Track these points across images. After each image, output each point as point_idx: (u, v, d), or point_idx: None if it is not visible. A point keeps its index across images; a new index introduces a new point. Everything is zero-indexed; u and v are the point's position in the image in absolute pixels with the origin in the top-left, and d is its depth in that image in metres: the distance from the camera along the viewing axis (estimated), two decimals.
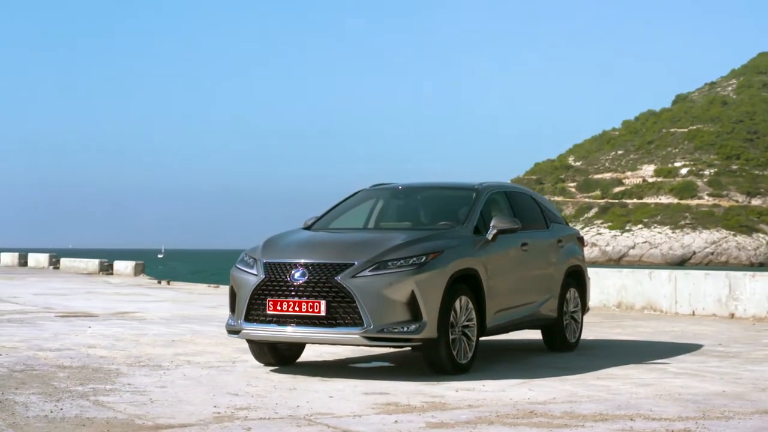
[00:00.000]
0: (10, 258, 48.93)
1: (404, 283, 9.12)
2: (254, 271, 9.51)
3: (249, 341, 9.92)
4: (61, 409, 7.42)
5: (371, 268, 9.15)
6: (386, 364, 10.63)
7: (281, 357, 10.19)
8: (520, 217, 11.09)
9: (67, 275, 36.97)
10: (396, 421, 7.06)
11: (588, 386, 8.89)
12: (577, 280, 12.15)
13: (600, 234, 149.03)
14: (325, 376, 9.45)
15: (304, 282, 9.17)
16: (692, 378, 9.52)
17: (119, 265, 37.81)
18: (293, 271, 9.26)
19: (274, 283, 9.32)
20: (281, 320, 9.25)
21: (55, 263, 44.01)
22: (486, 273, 10.01)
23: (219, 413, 7.33)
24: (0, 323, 15.02)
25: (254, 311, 9.40)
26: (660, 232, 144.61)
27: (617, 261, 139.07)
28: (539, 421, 7.10)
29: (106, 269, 38.78)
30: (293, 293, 9.20)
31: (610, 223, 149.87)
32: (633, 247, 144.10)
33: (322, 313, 9.08)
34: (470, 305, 9.74)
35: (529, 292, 11.02)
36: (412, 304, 9.13)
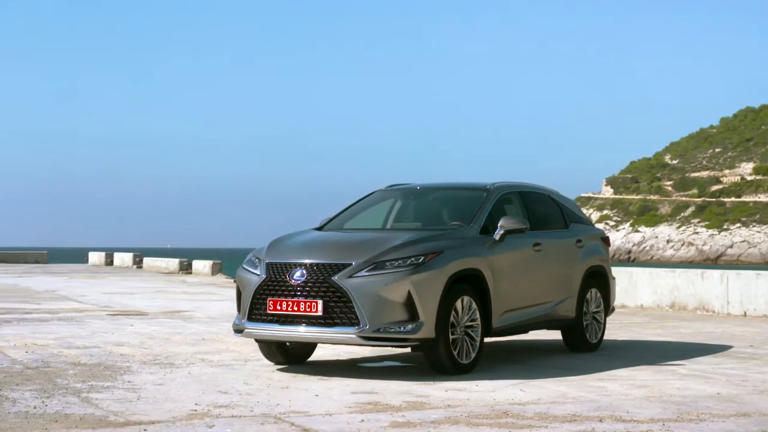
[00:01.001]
0: (98, 257, 50.09)
1: (401, 283, 9.20)
2: (257, 271, 9.69)
3: (257, 340, 10.09)
4: (46, 405, 7.66)
5: (369, 268, 9.26)
6: (397, 363, 10.71)
7: (291, 356, 10.34)
8: (534, 218, 11.12)
9: (147, 274, 37.69)
10: (362, 420, 7.15)
11: (583, 387, 8.86)
12: (599, 280, 12.08)
13: (697, 233, 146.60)
14: (326, 375, 9.57)
15: (303, 282, 9.32)
16: (696, 379, 9.43)
17: (197, 265, 38.43)
18: (293, 271, 9.41)
19: (275, 282, 9.48)
20: (281, 319, 9.40)
21: (138, 263, 44.91)
22: (492, 273, 10.03)
23: (195, 411, 7.50)
24: (49, 321, 15.44)
25: (256, 311, 9.58)
26: (759, 231, 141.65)
27: (714, 261, 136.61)
28: (505, 422, 7.12)
29: (186, 268, 39.46)
30: (292, 293, 9.35)
31: (707, 222, 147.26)
32: (731, 247, 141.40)
33: (319, 313, 9.21)
34: (473, 305, 9.76)
35: (543, 293, 11.00)
36: (409, 304, 9.20)
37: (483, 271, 9.92)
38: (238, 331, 9.80)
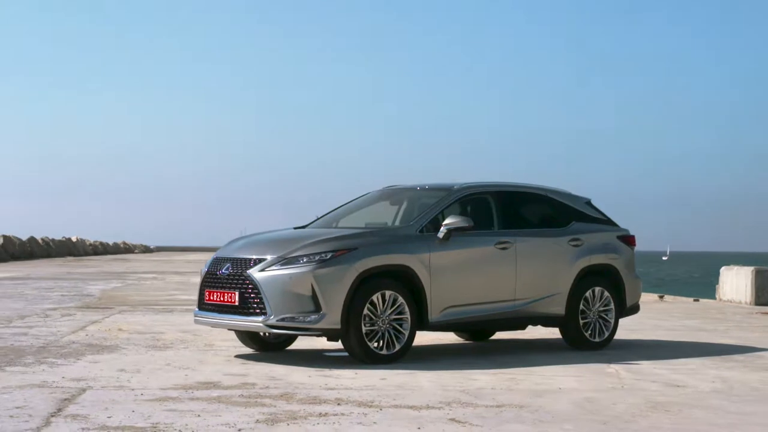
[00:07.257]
0: None
1: (305, 277, 10.06)
2: (207, 266, 10.89)
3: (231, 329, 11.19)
4: None
5: (280, 263, 10.19)
6: None
7: (267, 344, 11.37)
8: (511, 217, 11.50)
9: None
10: (152, 395, 8.16)
11: (449, 379, 9.28)
12: (608, 279, 12.08)
13: None
14: (259, 361, 10.50)
15: (227, 275, 10.42)
16: (592, 376, 9.68)
17: None
18: (222, 265, 10.54)
19: (211, 276, 10.67)
20: (215, 309, 10.53)
21: None
22: (428, 270, 10.54)
23: (45, 382, 8.77)
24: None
25: (201, 301, 10.78)
26: None
27: None
28: (264, 401, 7.93)
29: None
30: (220, 285, 10.49)
31: None
32: None
33: (236, 303, 10.28)
34: (399, 300, 10.35)
35: (509, 290, 11.21)
36: (313, 296, 10.02)
37: (414, 267, 10.47)
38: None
